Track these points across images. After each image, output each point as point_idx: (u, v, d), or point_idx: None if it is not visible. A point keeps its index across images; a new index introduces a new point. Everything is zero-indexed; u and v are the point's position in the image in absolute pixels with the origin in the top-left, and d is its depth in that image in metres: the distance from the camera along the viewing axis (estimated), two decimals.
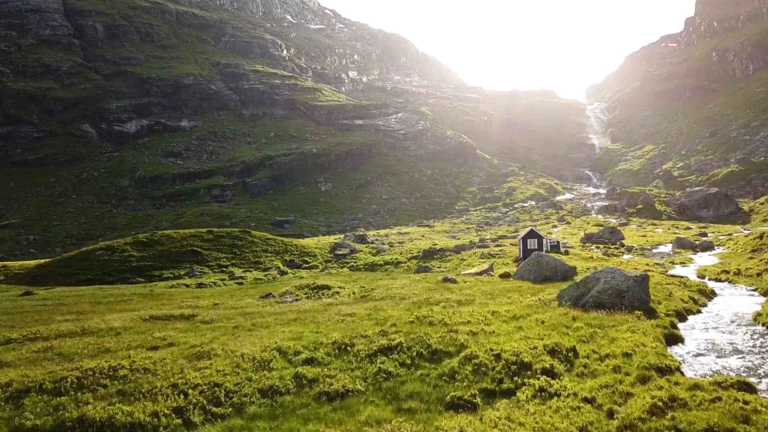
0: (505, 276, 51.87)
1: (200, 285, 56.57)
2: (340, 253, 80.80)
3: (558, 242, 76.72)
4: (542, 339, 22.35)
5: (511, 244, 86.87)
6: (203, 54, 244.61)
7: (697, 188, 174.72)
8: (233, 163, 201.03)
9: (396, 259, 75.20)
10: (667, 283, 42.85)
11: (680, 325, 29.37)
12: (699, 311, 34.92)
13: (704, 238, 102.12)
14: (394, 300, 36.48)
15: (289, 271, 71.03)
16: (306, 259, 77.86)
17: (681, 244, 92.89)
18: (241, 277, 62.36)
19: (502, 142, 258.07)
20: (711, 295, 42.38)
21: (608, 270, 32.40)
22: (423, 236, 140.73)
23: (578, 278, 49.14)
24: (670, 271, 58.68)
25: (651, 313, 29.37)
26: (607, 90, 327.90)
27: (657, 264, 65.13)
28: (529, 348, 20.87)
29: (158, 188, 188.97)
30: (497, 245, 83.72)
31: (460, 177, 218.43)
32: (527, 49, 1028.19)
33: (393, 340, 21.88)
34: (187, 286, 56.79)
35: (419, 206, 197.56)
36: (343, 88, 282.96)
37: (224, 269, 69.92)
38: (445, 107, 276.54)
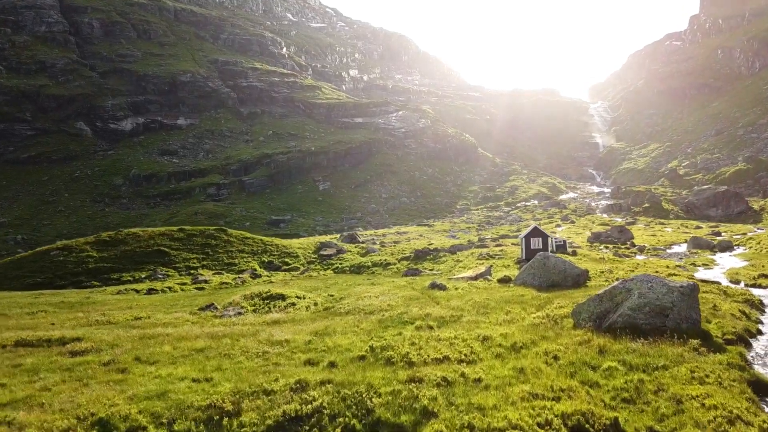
0: (504, 281, 42.95)
1: (151, 291, 47.94)
2: (325, 253, 71.93)
3: (565, 241, 67.73)
4: (558, 399, 13.61)
5: (512, 244, 78.09)
6: (201, 51, 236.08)
7: (706, 186, 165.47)
8: (230, 161, 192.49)
9: (385, 260, 66.33)
10: (704, 292, 33.34)
11: (749, 356, 20.28)
12: (759, 331, 25.77)
13: (719, 238, 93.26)
14: (361, 315, 27.82)
15: (265, 273, 62.24)
16: (287, 260, 69.01)
17: (697, 244, 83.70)
18: (205, 281, 53.60)
19: (505, 140, 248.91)
20: (760, 306, 33.05)
21: (642, 278, 23.24)
22: (421, 236, 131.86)
23: (592, 284, 39.88)
24: (696, 275, 49.39)
25: (705, 339, 20.42)
26: (610, 89, 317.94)
27: (679, 266, 55.83)
28: (538, 424, 11.79)
29: (153, 187, 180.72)
30: (497, 245, 74.73)
31: (462, 176, 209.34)
32: (530, 48, 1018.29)
33: (310, 402, 13.12)
34: (137, 291, 48.18)
35: (419, 205, 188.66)
36: (344, 87, 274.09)
37: (192, 271, 61.18)
38: (447, 106, 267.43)
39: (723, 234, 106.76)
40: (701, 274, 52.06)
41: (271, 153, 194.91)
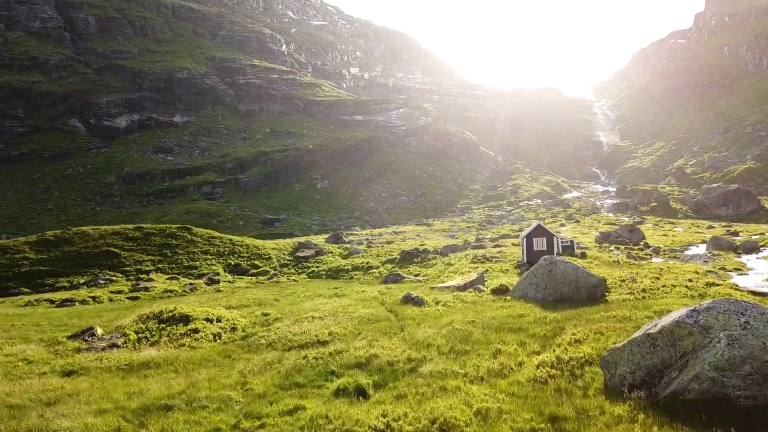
0: (499, 291, 33.22)
1: (66, 302, 38.53)
2: (301, 255, 62.28)
3: (572, 242, 57.92)
4: None
5: (513, 245, 68.44)
6: (199, 48, 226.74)
7: (715, 185, 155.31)
8: (225, 159, 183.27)
9: (367, 263, 56.79)
10: None
11: None
12: None
13: (738, 238, 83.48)
14: (278, 352, 18.88)
15: (227, 278, 52.71)
16: (257, 263, 59.43)
17: (718, 245, 73.62)
18: (146, 289, 44.05)
19: (507, 139, 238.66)
20: None
21: (726, 306, 13.12)
22: (418, 235, 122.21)
23: (613, 298, 29.96)
24: (739, 284, 39.26)
25: None
26: (614, 87, 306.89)
27: (710, 272, 45.63)
28: None
29: (146, 185, 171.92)
30: (496, 245, 64.93)
31: (463, 174, 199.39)
32: (533, 46, 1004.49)
33: None
34: (52, 302, 38.58)
35: (419, 204, 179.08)
36: (344, 85, 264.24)
37: (142, 276, 51.66)
38: (449, 104, 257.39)
39: (740, 234, 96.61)
40: (740, 281, 42.05)
41: (268, 151, 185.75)
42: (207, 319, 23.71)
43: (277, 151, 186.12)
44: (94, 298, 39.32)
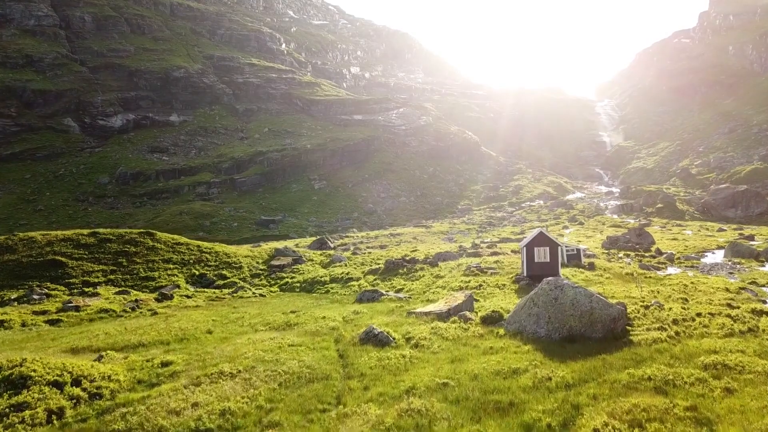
0: (491, 321, 25.81)
1: None
2: (276, 264, 54.87)
3: (579, 250, 50.24)
4: None
5: (512, 251, 60.93)
6: (197, 47, 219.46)
7: (723, 186, 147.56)
8: (222, 159, 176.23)
9: (348, 273, 49.43)
10: None
11: None
12: None
13: (754, 243, 76.07)
14: None
15: (188, 291, 45.09)
16: (225, 272, 52.04)
17: (737, 252, 66.25)
18: (77, 308, 36.40)
19: (509, 139, 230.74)
20: None
21: None
22: (415, 238, 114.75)
23: (639, 336, 22.57)
24: None
25: None
26: (617, 87, 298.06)
27: (742, 289, 38.05)
28: None
29: (140, 185, 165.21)
30: (493, 252, 57.33)
31: (464, 175, 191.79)
32: (535, 46, 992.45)
33: None
34: None
35: (419, 205, 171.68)
36: (345, 84, 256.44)
37: (88, 289, 44.06)
38: (450, 104, 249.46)
39: (756, 239, 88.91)
40: None
41: (265, 151, 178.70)
42: (55, 383, 16.24)
43: (274, 150, 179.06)
44: (1, 322, 31.95)
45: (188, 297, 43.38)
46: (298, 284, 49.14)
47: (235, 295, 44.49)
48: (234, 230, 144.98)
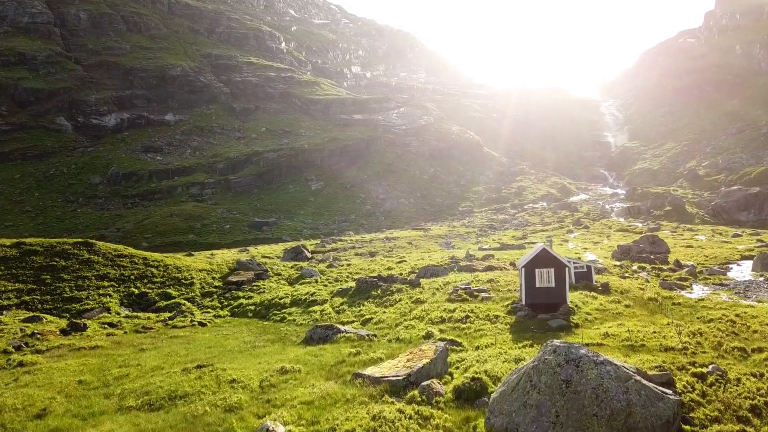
0: (469, 398, 17.32)
1: None
2: (234, 280, 46.17)
3: (589, 267, 40.83)
4: None
5: (511, 264, 51.43)
6: (194, 45, 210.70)
7: (735, 188, 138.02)
8: (217, 159, 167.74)
9: (313, 294, 40.70)
10: None
11: None
12: None
13: None
14: None
15: (116, 317, 36.31)
16: (170, 291, 43.29)
17: None
18: None
19: (512, 139, 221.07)
20: None
21: None
22: (410, 243, 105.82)
23: None
24: None
25: None
26: (621, 87, 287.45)
27: None
28: None
29: (132, 186, 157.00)
30: (488, 267, 48.08)
31: (465, 175, 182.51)
32: (538, 45, 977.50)
33: None
34: None
35: (419, 207, 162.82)
36: (345, 83, 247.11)
37: None
38: (452, 103, 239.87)
39: None
40: None
41: (261, 150, 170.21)
42: None
43: (271, 150, 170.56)
44: None
45: (111, 325, 34.57)
46: (253, 307, 40.37)
47: (169, 323, 35.70)
48: (225, 233, 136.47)
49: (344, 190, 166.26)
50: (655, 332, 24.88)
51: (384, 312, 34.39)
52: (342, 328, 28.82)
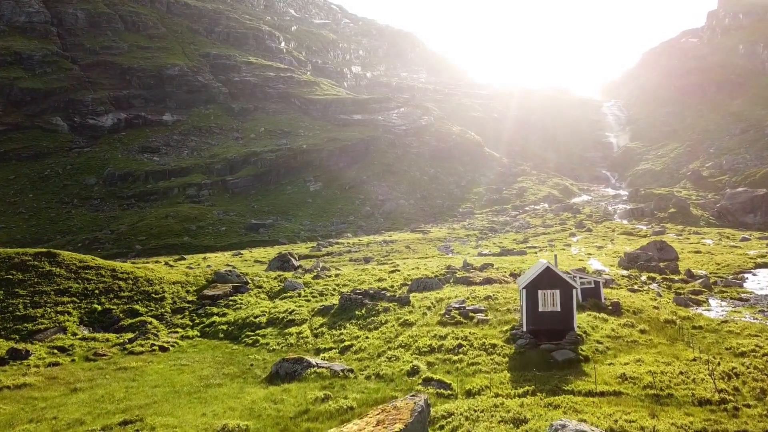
0: None
1: None
2: (210, 294, 41.83)
3: (598, 282, 36.34)
4: None
5: (512, 275, 47.08)
6: (193, 45, 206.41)
7: (741, 189, 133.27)
8: (214, 159, 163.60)
9: (292, 312, 36.70)
10: None
11: None
12: None
13: None
14: None
15: (74, 338, 32.12)
16: (138, 307, 39.07)
17: None
18: None
19: (513, 140, 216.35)
20: None
21: None
22: (408, 246, 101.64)
23: None
24: None
25: None
26: (623, 87, 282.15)
27: None
28: None
29: (128, 187, 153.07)
30: (487, 279, 43.75)
31: (466, 176, 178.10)
32: (539, 45, 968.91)
33: None
34: None
35: (418, 208, 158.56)
36: (345, 83, 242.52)
37: None
38: (453, 104, 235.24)
39: None
40: None
41: (259, 151, 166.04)
42: None
43: (269, 151, 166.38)
44: None
45: (62, 350, 30.36)
46: (225, 327, 36.18)
47: (127, 346, 31.52)
48: (221, 235, 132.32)
49: (343, 191, 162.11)
50: (681, 373, 20.55)
51: (367, 337, 30.10)
52: (313, 361, 24.55)
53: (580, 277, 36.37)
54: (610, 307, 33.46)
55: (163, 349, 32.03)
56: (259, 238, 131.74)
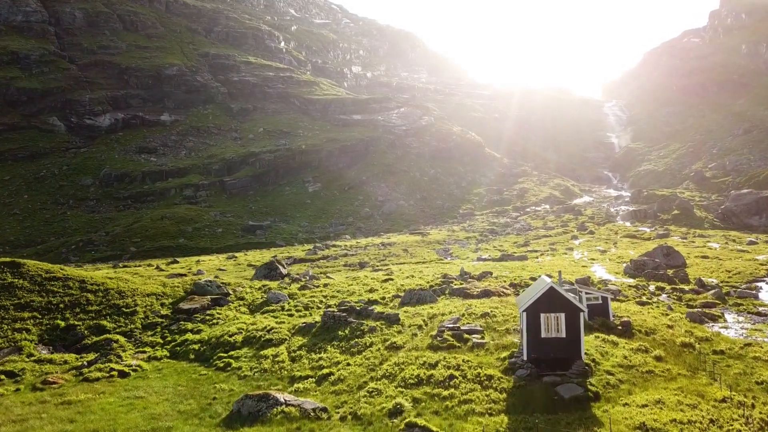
0: None
1: None
2: (186, 307, 38.28)
3: (606, 299, 32.59)
4: None
5: (512, 285, 43.55)
6: (192, 44, 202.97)
7: (746, 191, 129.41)
8: (212, 160, 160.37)
9: (271, 330, 33.63)
10: None
11: None
12: None
13: None
14: None
15: (34, 356, 28.81)
16: (105, 323, 35.76)
17: None
18: None
19: (514, 140, 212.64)
20: None
21: None
22: (406, 250, 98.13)
23: None
24: None
25: None
26: (624, 87, 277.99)
27: None
28: None
29: (124, 188, 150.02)
30: (485, 291, 40.33)
31: (467, 177, 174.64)
32: (540, 45, 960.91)
33: None
34: None
35: (418, 209, 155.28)
36: (345, 83, 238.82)
37: None
38: (454, 104, 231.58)
39: None
40: None
41: (258, 151, 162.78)
42: None
43: (267, 151, 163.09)
44: None
45: (10, 375, 27.28)
46: (197, 346, 32.75)
47: (84, 371, 28.16)
48: (217, 237, 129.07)
49: (342, 192, 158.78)
50: (712, 421, 17.04)
51: (348, 363, 26.63)
52: (281, 398, 21.11)
53: (587, 292, 32.78)
54: (619, 327, 29.91)
55: (122, 374, 28.61)
56: (256, 240, 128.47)
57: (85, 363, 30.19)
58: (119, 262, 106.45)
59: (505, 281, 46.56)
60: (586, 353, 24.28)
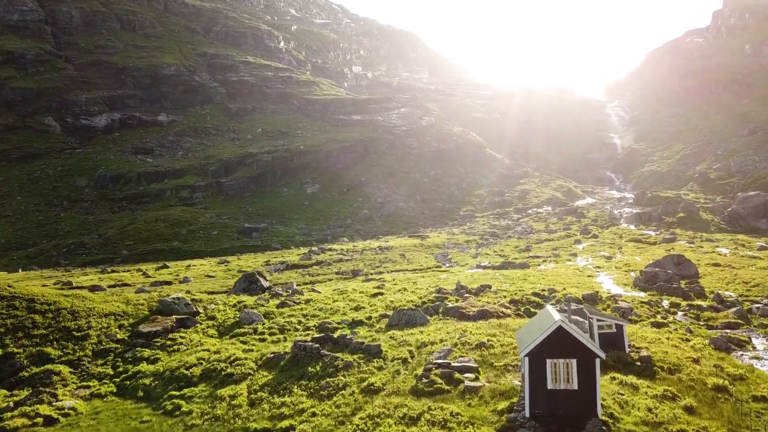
0: None
1: None
2: (147, 330, 33.95)
3: (621, 327, 27.36)
4: None
5: (512, 303, 38.84)
6: (190, 44, 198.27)
7: (753, 193, 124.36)
8: (209, 161, 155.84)
9: (235, 361, 29.30)
10: None
11: None
12: None
13: None
14: None
15: None
16: (49, 350, 31.53)
17: None
18: None
19: (515, 141, 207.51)
20: None
21: None
22: (403, 255, 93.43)
23: None
24: None
25: None
26: (627, 87, 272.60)
27: None
28: None
29: (119, 189, 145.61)
30: (482, 313, 35.39)
31: (467, 178, 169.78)
32: (542, 45, 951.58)
33: None
34: None
35: (418, 211, 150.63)
36: (346, 83, 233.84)
37: None
38: (455, 104, 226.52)
39: None
40: None
41: (255, 152, 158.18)
42: None
43: (265, 152, 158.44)
44: None
45: None
46: (149, 380, 28.14)
47: (5, 416, 23.36)
48: (212, 239, 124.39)
49: (341, 193, 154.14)
50: None
51: (314, 413, 21.92)
52: None
53: (598, 319, 27.93)
54: (638, 364, 25.07)
55: (48, 421, 23.94)
56: (252, 242, 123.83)
57: (12, 404, 25.57)
58: (108, 266, 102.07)
59: (504, 296, 41.78)
60: (602, 405, 19.51)
